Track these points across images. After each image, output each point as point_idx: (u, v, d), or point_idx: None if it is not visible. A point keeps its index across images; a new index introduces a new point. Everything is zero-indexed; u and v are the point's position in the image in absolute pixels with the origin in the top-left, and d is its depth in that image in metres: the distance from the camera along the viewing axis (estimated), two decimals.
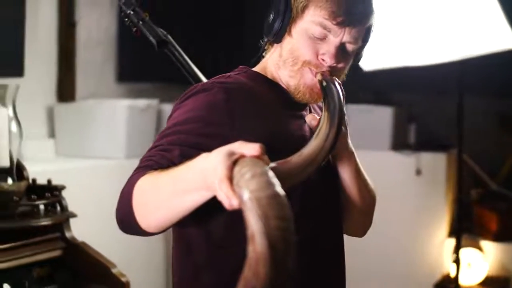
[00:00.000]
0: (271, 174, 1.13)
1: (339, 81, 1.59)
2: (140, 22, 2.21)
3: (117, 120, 3.66)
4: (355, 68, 1.70)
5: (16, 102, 2.49)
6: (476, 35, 3.19)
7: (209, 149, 1.30)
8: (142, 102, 3.82)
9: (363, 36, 1.62)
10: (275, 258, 1.02)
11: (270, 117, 1.59)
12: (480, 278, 4.12)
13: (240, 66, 1.69)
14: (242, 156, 1.22)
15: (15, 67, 3.37)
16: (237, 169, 1.19)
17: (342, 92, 1.57)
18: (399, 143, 4.45)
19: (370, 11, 1.60)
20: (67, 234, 2.49)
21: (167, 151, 1.47)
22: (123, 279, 2.47)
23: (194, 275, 1.59)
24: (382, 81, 4.18)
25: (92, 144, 3.68)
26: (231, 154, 1.22)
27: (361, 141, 4.37)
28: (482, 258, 4.14)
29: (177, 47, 2.24)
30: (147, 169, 1.44)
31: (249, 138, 1.34)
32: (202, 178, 1.27)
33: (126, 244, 3.14)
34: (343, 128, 1.59)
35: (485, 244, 4.23)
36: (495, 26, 3.21)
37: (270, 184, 1.10)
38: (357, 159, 1.69)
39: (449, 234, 4.24)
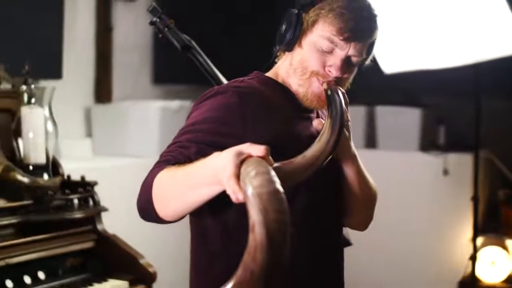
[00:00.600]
0: (273, 173, 1.25)
1: (343, 90, 1.70)
2: (166, 29, 2.34)
3: (150, 120, 3.80)
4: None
5: (55, 103, 2.62)
6: (491, 39, 3.27)
7: (223, 147, 1.43)
8: (175, 104, 3.95)
9: (367, 49, 1.74)
10: (272, 246, 1.14)
11: (279, 119, 1.71)
12: (504, 276, 4.17)
13: (254, 72, 1.82)
14: (249, 156, 1.34)
15: (55, 70, 3.53)
16: (243, 167, 1.31)
17: (346, 101, 1.68)
18: (427, 144, 4.50)
19: (374, 28, 1.72)
20: (99, 227, 2.62)
21: (185, 148, 1.61)
22: (150, 270, 2.61)
23: (209, 263, 1.72)
24: (411, 83, 4.22)
25: (127, 143, 3.83)
26: (239, 154, 1.34)
27: (390, 142, 4.50)
28: (506, 257, 4.19)
29: (201, 52, 2.36)
30: (166, 164, 1.58)
31: (259, 138, 1.48)
32: (214, 174, 1.39)
33: (154, 237, 3.25)
34: (346, 133, 1.71)
35: (511, 243, 4.27)
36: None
37: (271, 182, 1.22)
38: (359, 161, 1.80)
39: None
